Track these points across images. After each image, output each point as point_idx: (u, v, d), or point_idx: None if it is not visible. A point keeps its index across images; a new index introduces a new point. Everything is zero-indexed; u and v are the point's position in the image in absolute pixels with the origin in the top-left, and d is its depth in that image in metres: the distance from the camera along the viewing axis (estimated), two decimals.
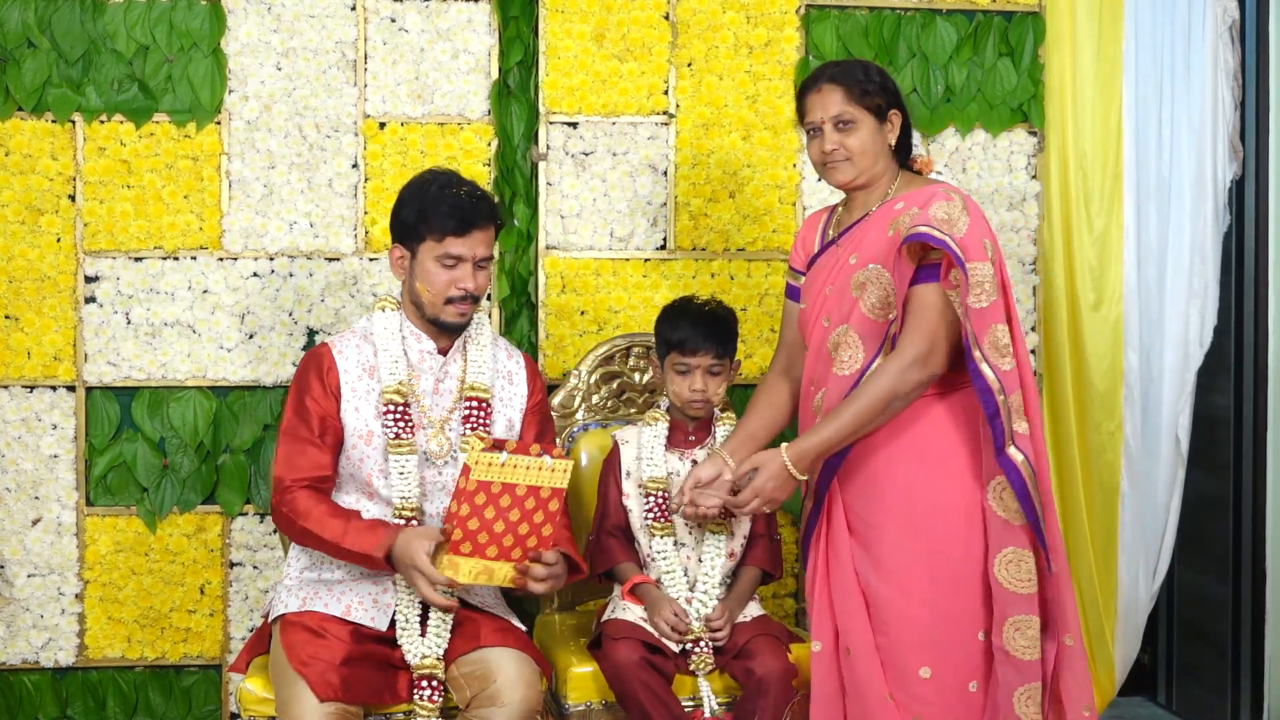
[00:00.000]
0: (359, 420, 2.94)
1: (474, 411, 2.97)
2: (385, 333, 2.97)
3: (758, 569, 3.15)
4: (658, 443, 3.17)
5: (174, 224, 3.60)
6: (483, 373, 3.00)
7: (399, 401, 2.92)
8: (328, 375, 2.95)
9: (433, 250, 2.90)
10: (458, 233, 2.88)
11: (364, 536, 2.81)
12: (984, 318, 2.71)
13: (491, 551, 2.79)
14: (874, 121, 2.87)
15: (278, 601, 2.96)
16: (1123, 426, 3.88)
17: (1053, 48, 3.83)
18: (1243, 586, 3.90)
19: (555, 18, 3.66)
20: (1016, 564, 2.73)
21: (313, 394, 2.94)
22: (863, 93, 2.86)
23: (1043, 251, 3.85)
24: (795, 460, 2.80)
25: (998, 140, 3.83)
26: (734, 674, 3.02)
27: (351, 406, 2.94)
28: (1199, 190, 3.88)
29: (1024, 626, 2.72)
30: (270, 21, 3.61)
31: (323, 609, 2.88)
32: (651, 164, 3.72)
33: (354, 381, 2.95)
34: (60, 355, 3.58)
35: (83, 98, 3.56)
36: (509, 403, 3.06)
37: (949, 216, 2.73)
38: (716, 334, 3.13)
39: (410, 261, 2.94)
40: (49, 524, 3.60)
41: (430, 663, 2.82)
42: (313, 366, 2.97)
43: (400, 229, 2.95)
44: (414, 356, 2.98)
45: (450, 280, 2.90)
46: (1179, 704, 4.15)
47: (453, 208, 2.89)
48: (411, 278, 2.94)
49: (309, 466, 2.91)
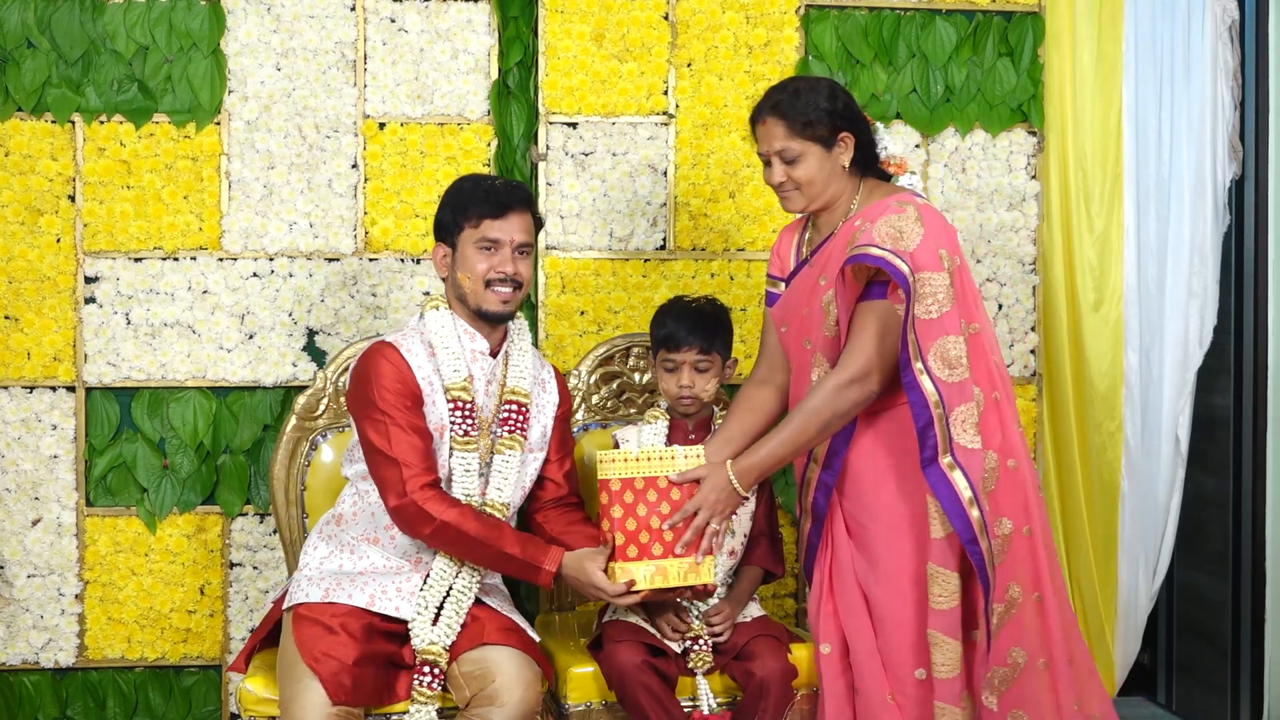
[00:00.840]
0: (435, 413, 2.93)
1: (513, 415, 2.98)
2: (442, 330, 2.96)
3: (759, 568, 3.15)
4: (658, 442, 3.17)
5: (174, 224, 3.60)
6: (523, 377, 3.01)
7: (466, 399, 2.92)
8: (405, 375, 2.90)
9: (471, 237, 2.92)
10: (494, 215, 2.91)
11: (538, 550, 2.85)
12: (933, 329, 2.69)
13: (657, 550, 2.82)
14: (820, 149, 2.86)
15: (297, 590, 2.93)
16: (1123, 426, 3.88)
17: (1052, 48, 3.83)
18: (1242, 586, 3.90)
19: (555, 18, 3.66)
20: (936, 579, 2.73)
21: (394, 389, 2.87)
22: (804, 124, 2.84)
23: (1042, 251, 3.85)
24: (739, 475, 2.84)
25: (997, 140, 3.83)
26: (734, 675, 3.02)
27: (430, 401, 2.93)
28: (1199, 190, 3.88)
29: (941, 644, 2.73)
30: (270, 22, 3.61)
31: (346, 600, 2.87)
32: (651, 164, 3.72)
33: (424, 378, 2.93)
34: (60, 356, 3.58)
35: (82, 98, 3.56)
36: (543, 409, 3.07)
37: (898, 231, 2.72)
38: (701, 329, 3.13)
39: (452, 256, 2.95)
40: (49, 524, 3.60)
41: (436, 651, 2.82)
42: (387, 364, 2.89)
43: (440, 228, 2.98)
44: (468, 355, 2.98)
45: (489, 265, 2.92)
46: (1179, 703, 4.15)
47: (487, 193, 2.93)
48: (454, 272, 2.95)
49: (424, 457, 2.86)
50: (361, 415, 2.91)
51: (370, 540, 2.97)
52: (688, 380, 3.13)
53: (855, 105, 2.93)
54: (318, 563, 2.98)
